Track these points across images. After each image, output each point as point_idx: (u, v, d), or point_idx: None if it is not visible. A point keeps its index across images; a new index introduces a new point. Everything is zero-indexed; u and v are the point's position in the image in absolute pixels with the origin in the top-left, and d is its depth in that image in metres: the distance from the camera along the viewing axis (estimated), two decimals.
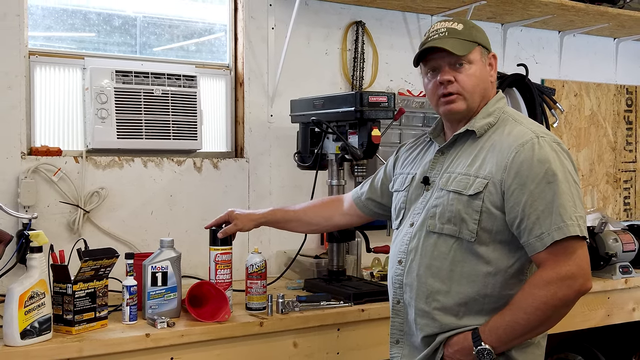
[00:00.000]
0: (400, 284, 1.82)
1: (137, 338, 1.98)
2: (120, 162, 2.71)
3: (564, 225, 1.62)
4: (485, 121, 1.79)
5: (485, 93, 1.82)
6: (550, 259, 1.63)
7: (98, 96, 2.63)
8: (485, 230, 1.70)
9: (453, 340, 1.73)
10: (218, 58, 3.04)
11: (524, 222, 1.65)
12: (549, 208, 1.63)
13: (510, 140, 1.71)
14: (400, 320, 1.85)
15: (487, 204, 1.69)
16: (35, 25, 2.65)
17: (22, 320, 1.84)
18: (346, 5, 3.20)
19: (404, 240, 1.83)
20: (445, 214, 1.74)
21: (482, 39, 1.81)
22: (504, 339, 1.67)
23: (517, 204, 1.66)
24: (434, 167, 1.84)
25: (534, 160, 1.66)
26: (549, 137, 1.71)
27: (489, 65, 1.82)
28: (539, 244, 1.64)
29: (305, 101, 2.70)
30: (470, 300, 1.72)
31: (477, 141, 1.78)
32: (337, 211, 2.23)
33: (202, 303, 2.19)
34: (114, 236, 2.68)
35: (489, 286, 1.71)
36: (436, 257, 1.75)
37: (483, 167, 1.72)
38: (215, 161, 2.91)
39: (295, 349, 2.24)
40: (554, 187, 1.64)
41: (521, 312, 1.64)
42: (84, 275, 1.99)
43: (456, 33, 1.79)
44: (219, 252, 2.35)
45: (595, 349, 3.51)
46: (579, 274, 1.63)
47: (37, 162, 2.54)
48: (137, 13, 2.87)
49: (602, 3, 3.52)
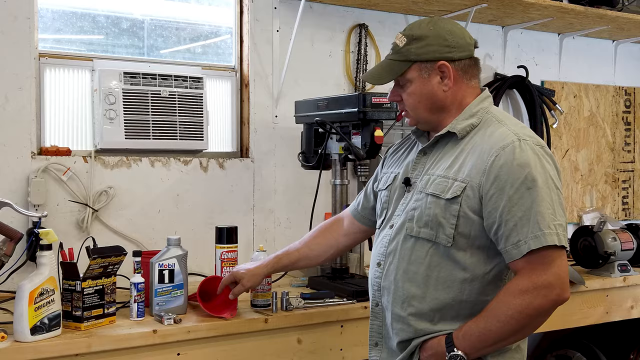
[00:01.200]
0: (379, 287, 1.78)
1: (145, 334, 1.98)
2: (128, 162, 2.71)
3: (541, 234, 1.55)
4: (468, 122, 1.72)
5: (444, 104, 1.73)
6: (526, 268, 1.57)
7: (106, 97, 2.63)
8: (462, 235, 1.64)
9: (427, 345, 1.68)
10: (224, 60, 3.04)
11: (501, 228, 1.59)
12: (526, 215, 1.56)
13: (491, 143, 1.64)
14: (379, 323, 1.80)
15: (464, 208, 1.63)
16: (45, 27, 2.65)
17: (32, 317, 1.84)
18: (349, 8, 3.20)
19: (383, 242, 1.78)
20: (422, 218, 1.68)
21: (420, 54, 1.71)
22: (477, 345, 1.62)
23: (495, 209, 1.59)
24: (415, 168, 1.79)
25: (514, 164, 1.59)
26: (532, 140, 1.63)
27: (440, 76, 1.71)
28: (515, 252, 1.57)
29: (310, 102, 2.70)
30: (446, 306, 1.67)
31: (458, 143, 1.71)
32: (340, 234, 2.12)
33: (212, 298, 2.19)
34: (122, 234, 2.68)
35: (465, 292, 1.66)
36: (413, 261, 1.70)
37: (462, 169, 1.66)
38: (221, 161, 2.91)
39: (299, 345, 2.24)
40: (533, 193, 1.57)
41: (495, 320, 1.59)
42: (92, 273, 2.00)
43: (396, 51, 1.75)
44: (224, 250, 2.35)
45: (594, 345, 3.51)
46: (556, 284, 1.56)
47: (47, 161, 2.55)
48: (145, 16, 2.87)
49: (601, 6, 3.51)
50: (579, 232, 3.00)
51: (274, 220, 2.99)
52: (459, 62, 1.73)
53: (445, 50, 1.71)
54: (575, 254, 3.02)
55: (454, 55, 1.71)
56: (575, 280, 2.78)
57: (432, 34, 1.71)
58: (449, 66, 1.71)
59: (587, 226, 3.00)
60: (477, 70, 1.79)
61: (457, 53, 1.72)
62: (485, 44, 3.64)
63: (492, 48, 3.67)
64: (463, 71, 1.74)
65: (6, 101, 2.49)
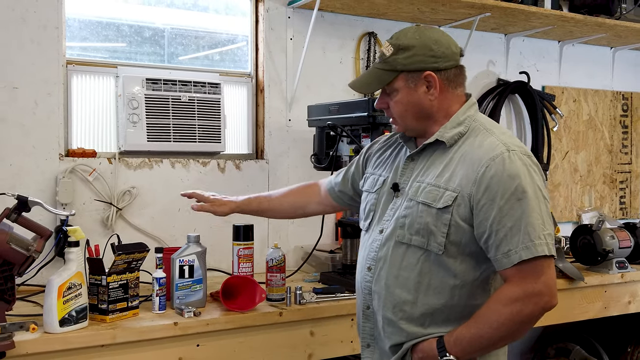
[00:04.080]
0: (370, 291, 1.73)
1: (166, 326, 2.00)
2: (150, 163, 2.72)
3: (531, 245, 1.52)
4: (456, 131, 1.67)
5: (430, 113, 1.68)
6: (517, 276, 1.54)
7: (130, 102, 2.65)
8: (453, 243, 1.60)
9: (419, 347, 1.65)
10: (240, 66, 3.04)
11: (492, 237, 1.55)
12: (517, 225, 1.53)
13: (481, 153, 1.60)
14: (371, 325, 1.76)
15: (455, 217, 1.59)
16: (72, 36, 2.66)
17: (61, 309, 1.86)
18: (359, 17, 3.20)
19: (373, 246, 1.73)
20: (414, 225, 1.64)
21: (406, 64, 1.66)
22: (468, 350, 1.59)
23: (486, 219, 1.56)
24: (404, 174, 1.74)
25: (504, 175, 1.55)
26: (520, 150, 1.60)
27: (426, 85, 1.66)
28: (506, 261, 1.55)
29: (321, 107, 2.70)
30: (437, 311, 1.64)
31: (447, 151, 1.67)
32: (313, 200, 2.13)
33: (234, 295, 2.19)
34: (144, 232, 2.69)
35: (456, 297, 1.63)
36: (404, 267, 1.66)
37: (453, 179, 1.61)
38: (237, 162, 2.91)
39: (312, 337, 2.24)
40: (524, 204, 1.53)
41: (486, 327, 1.56)
42: (117, 268, 2.01)
43: (383, 61, 1.69)
44: (241, 247, 2.36)
45: (592, 339, 3.49)
46: (546, 292, 1.54)
47: (74, 163, 2.56)
48: (166, 25, 2.88)
49: (599, 15, 3.49)
50: (579, 231, 2.99)
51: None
52: (444, 72, 1.68)
53: (431, 61, 1.66)
54: (574, 251, 3.00)
55: (439, 65, 1.66)
56: (575, 277, 2.76)
57: (418, 43, 1.66)
58: (435, 76, 1.66)
59: (586, 225, 2.98)
60: (463, 79, 1.73)
61: (443, 63, 1.67)
62: (489, 50, 3.63)
63: (495, 55, 3.66)
64: (449, 80, 1.69)
65: (36, 106, 2.51)
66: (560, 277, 2.78)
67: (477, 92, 3.59)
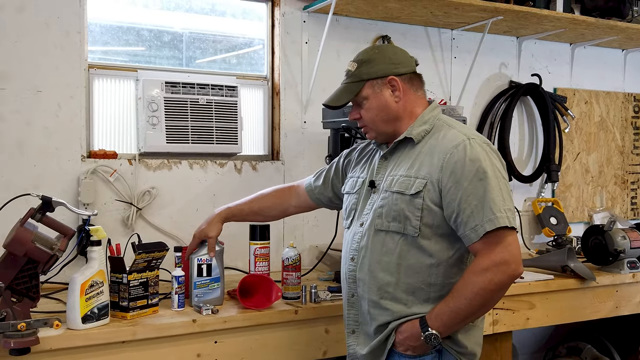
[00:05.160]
0: (354, 279, 1.85)
1: (185, 323, 2.01)
2: (169, 164, 2.74)
3: (494, 218, 1.64)
4: (422, 128, 1.82)
5: (397, 114, 1.83)
6: (484, 248, 1.66)
7: (149, 105, 2.66)
8: (426, 225, 1.73)
9: (402, 328, 1.75)
10: (257, 70, 3.06)
11: (459, 216, 1.68)
12: (481, 202, 1.66)
13: (445, 143, 1.74)
14: (355, 312, 1.87)
15: (427, 201, 1.72)
16: (94, 41, 2.69)
17: (83, 307, 1.87)
18: (373, 21, 3.20)
19: (355, 238, 1.85)
20: (390, 213, 1.77)
21: (371, 73, 1.82)
22: (448, 323, 1.69)
23: (453, 200, 1.69)
24: (379, 172, 1.88)
25: (467, 159, 1.69)
26: (479, 139, 1.75)
27: (391, 89, 1.82)
28: (473, 235, 1.66)
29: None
30: (417, 290, 1.75)
31: (415, 147, 1.81)
32: (290, 204, 2.25)
33: (251, 293, 2.20)
34: (164, 231, 2.71)
35: (433, 276, 1.74)
36: (385, 252, 1.78)
37: (422, 168, 1.75)
38: (253, 163, 2.93)
39: (326, 334, 2.25)
40: (485, 184, 1.66)
41: (462, 299, 1.66)
42: (137, 267, 2.02)
43: (350, 76, 1.86)
44: (257, 246, 2.37)
45: (604, 338, 3.47)
46: (511, 260, 1.65)
47: (96, 164, 2.58)
48: (184, 29, 2.90)
49: (611, 18, 3.46)
50: (590, 231, 2.97)
51: (303, 219, 2.99)
52: (405, 76, 1.84)
53: (392, 67, 1.82)
54: (586, 251, 2.98)
55: (399, 70, 1.83)
56: (586, 276, 2.74)
57: (378, 56, 1.84)
58: (397, 79, 1.82)
59: (598, 225, 2.96)
60: (422, 83, 1.89)
61: (402, 68, 1.83)
62: (501, 53, 3.61)
63: (507, 57, 3.64)
64: (410, 83, 1.84)
65: (59, 109, 2.53)
66: (572, 276, 2.77)
67: (489, 95, 3.58)
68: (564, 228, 3.52)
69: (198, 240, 2.21)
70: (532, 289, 2.67)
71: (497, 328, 2.59)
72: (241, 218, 2.28)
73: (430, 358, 1.75)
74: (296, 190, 2.25)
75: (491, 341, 2.59)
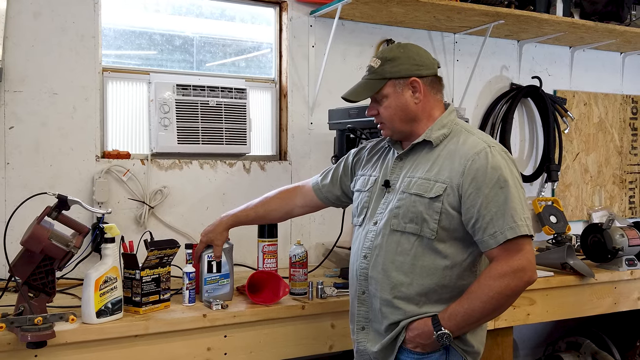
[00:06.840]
0: (365, 277, 1.81)
1: (196, 318, 2.01)
2: (180, 164, 2.75)
3: (515, 226, 1.64)
4: (440, 132, 1.79)
5: (416, 115, 1.79)
6: (502, 254, 1.65)
7: (161, 107, 2.67)
8: (444, 228, 1.71)
9: (413, 325, 1.73)
10: (265, 73, 3.06)
11: (479, 222, 1.66)
12: (501, 210, 1.65)
13: (466, 149, 1.72)
14: (366, 309, 1.83)
15: (446, 205, 1.70)
16: (107, 45, 2.70)
17: (98, 302, 1.88)
18: (378, 25, 3.20)
19: (369, 237, 1.81)
20: (407, 215, 1.74)
21: (394, 72, 1.78)
22: (461, 324, 1.68)
23: (473, 205, 1.67)
24: (393, 172, 1.84)
25: (488, 167, 1.67)
26: (499, 147, 1.73)
27: (412, 90, 1.78)
28: (492, 241, 1.66)
29: (342, 110, 2.70)
30: (430, 291, 1.73)
31: (434, 150, 1.78)
32: (296, 204, 2.19)
33: (260, 289, 2.21)
34: (175, 229, 2.72)
35: (447, 278, 1.72)
36: (400, 252, 1.75)
37: (442, 172, 1.72)
38: (262, 163, 2.93)
39: (333, 329, 2.25)
40: (506, 192, 1.66)
41: (478, 301, 1.66)
42: (150, 263, 2.03)
43: (372, 72, 1.81)
44: (266, 243, 2.38)
45: (603, 333, 3.45)
46: (528, 267, 1.65)
47: (109, 164, 2.60)
48: (195, 34, 2.91)
49: (610, 21, 3.45)
50: (589, 229, 2.96)
51: (310, 217, 2.99)
52: (426, 78, 1.80)
53: (415, 68, 1.78)
54: (585, 249, 2.97)
55: (422, 72, 1.79)
56: (585, 273, 2.74)
57: (402, 55, 1.79)
58: (419, 81, 1.78)
59: (597, 224, 2.95)
60: (441, 86, 1.85)
61: (425, 70, 1.79)
62: (502, 56, 3.60)
63: (508, 60, 3.63)
64: (430, 86, 1.81)
65: (74, 111, 2.54)
66: (572, 273, 2.76)
67: (490, 96, 3.57)
68: (564, 226, 3.51)
69: (204, 245, 2.20)
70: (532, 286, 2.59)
71: (498, 323, 2.58)
72: (247, 223, 2.25)
73: (438, 355, 1.73)
74: (302, 190, 2.20)
75: (493, 336, 2.58)
